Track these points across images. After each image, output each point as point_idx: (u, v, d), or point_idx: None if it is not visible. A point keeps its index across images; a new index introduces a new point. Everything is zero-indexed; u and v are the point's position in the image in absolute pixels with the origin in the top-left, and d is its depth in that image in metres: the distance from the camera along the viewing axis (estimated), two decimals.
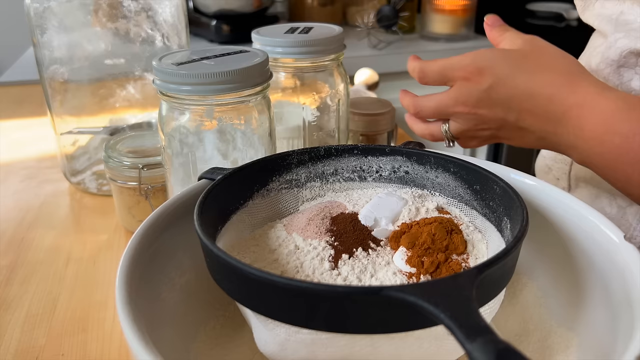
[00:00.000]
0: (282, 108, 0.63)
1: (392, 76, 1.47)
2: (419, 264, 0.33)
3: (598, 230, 0.34)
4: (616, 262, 0.32)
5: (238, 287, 0.30)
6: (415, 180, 0.41)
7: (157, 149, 0.62)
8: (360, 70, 1.00)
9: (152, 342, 0.26)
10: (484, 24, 0.52)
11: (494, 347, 0.22)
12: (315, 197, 0.42)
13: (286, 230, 0.37)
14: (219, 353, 0.38)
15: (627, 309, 0.30)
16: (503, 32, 0.50)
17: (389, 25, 1.53)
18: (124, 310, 0.28)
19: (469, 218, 0.39)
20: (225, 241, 0.36)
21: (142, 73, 0.70)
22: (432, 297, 0.25)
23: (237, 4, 1.49)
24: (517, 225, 0.32)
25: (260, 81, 0.49)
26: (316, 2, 1.68)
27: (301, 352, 0.31)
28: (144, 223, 0.36)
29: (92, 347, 0.46)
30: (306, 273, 0.33)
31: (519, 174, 0.40)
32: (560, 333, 0.37)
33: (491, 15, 0.52)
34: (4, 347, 0.46)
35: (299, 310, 0.27)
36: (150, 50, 0.68)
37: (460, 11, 1.57)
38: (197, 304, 0.39)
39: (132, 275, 0.32)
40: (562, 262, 0.37)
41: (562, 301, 0.38)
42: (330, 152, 0.42)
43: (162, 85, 0.47)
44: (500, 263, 0.28)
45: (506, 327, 0.39)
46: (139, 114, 0.74)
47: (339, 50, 0.61)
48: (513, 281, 0.40)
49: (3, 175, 0.77)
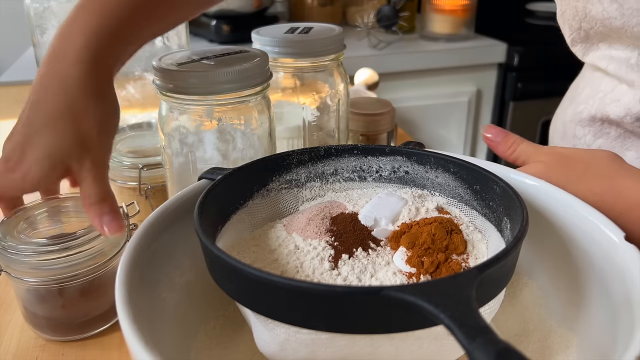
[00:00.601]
0: (282, 108, 0.63)
1: (392, 76, 1.47)
2: (419, 264, 0.33)
3: (598, 230, 0.34)
4: (616, 262, 0.32)
5: (238, 287, 0.30)
6: (415, 180, 0.41)
7: (157, 149, 0.60)
8: (360, 70, 1.00)
9: (152, 342, 0.26)
10: (484, 137, 0.46)
11: (494, 347, 0.22)
12: (315, 197, 0.42)
13: (286, 230, 0.37)
14: (219, 353, 0.38)
15: (627, 309, 0.30)
16: (513, 145, 0.44)
17: (389, 25, 1.53)
18: (124, 310, 0.28)
19: (469, 218, 0.39)
20: (225, 241, 0.36)
21: (142, 73, 0.70)
22: (432, 297, 0.25)
23: (237, 4, 1.49)
24: (517, 225, 0.32)
25: (260, 81, 0.49)
26: (316, 2, 1.68)
27: (301, 352, 0.31)
28: (144, 223, 0.36)
29: (92, 347, 0.46)
30: (306, 273, 0.33)
31: (519, 174, 0.40)
32: (560, 333, 0.37)
33: (489, 127, 0.46)
34: (4, 347, 0.46)
35: (299, 310, 0.27)
36: (150, 50, 0.68)
37: (460, 11, 1.57)
38: (197, 304, 0.39)
39: (132, 275, 0.32)
40: (562, 262, 0.37)
41: (562, 301, 0.38)
42: (330, 152, 0.42)
43: (162, 85, 0.47)
44: (500, 263, 0.28)
45: (506, 327, 0.39)
46: (139, 114, 0.74)
47: (339, 50, 0.61)
48: (513, 281, 0.40)
49: None
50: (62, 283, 0.44)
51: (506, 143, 0.44)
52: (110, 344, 0.46)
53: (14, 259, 0.43)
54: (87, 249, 0.44)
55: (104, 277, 0.46)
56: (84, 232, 0.44)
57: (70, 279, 0.44)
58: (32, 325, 0.47)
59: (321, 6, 1.69)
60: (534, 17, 1.88)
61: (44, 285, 0.44)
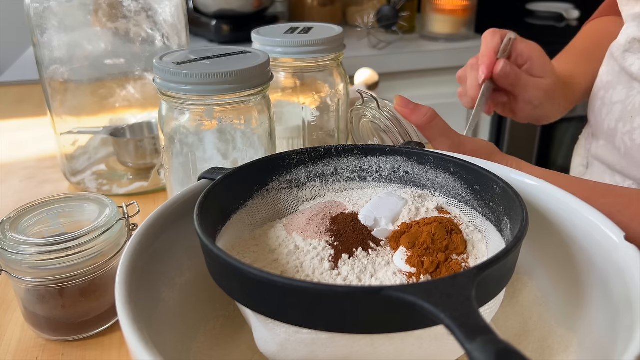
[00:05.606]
0: (282, 108, 0.63)
1: (392, 76, 1.47)
2: (419, 264, 0.33)
3: (598, 230, 0.34)
4: (616, 262, 0.32)
5: (238, 287, 0.30)
6: (415, 180, 0.41)
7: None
8: (360, 70, 1.00)
9: (152, 342, 0.26)
10: (395, 108, 0.50)
11: (494, 347, 0.22)
12: (315, 197, 0.42)
13: (286, 230, 0.37)
14: (219, 353, 0.38)
15: (627, 309, 0.30)
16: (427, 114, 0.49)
17: (389, 25, 1.53)
18: (124, 310, 0.28)
19: (469, 218, 0.39)
20: (225, 241, 0.36)
21: (142, 73, 0.70)
22: (432, 297, 0.25)
23: (237, 4, 1.49)
24: (517, 225, 0.32)
25: (260, 82, 0.49)
26: (316, 2, 1.68)
27: (301, 352, 0.31)
28: (144, 223, 0.36)
29: (92, 347, 0.46)
30: (306, 273, 0.33)
31: (519, 174, 0.40)
32: (560, 333, 0.37)
33: (398, 97, 0.50)
34: (4, 347, 0.46)
35: (299, 310, 0.27)
36: (150, 50, 0.68)
37: (460, 11, 1.57)
38: (197, 304, 0.39)
39: (132, 275, 0.32)
40: (562, 262, 0.37)
41: (562, 301, 0.38)
42: (330, 152, 0.42)
43: (163, 85, 0.47)
44: (500, 263, 0.28)
45: (506, 327, 0.39)
46: (139, 114, 0.74)
47: (338, 50, 0.61)
48: (513, 281, 0.40)
49: (3, 175, 0.77)
50: (62, 283, 0.44)
51: (420, 111, 0.49)
52: (110, 344, 0.46)
53: (14, 259, 0.43)
54: (87, 249, 0.44)
55: (104, 277, 0.46)
56: (84, 232, 0.44)
57: (70, 279, 0.44)
58: (32, 325, 0.47)
59: (321, 6, 1.69)
60: (534, 17, 1.88)
61: (44, 285, 0.44)
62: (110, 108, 0.72)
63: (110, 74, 0.70)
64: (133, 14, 0.66)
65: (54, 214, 0.48)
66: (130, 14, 0.66)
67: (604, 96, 0.61)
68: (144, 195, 0.71)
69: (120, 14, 0.66)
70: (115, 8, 0.65)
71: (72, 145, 0.72)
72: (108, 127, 0.73)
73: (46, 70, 0.66)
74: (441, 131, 0.49)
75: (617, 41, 0.60)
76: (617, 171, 0.60)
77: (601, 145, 0.63)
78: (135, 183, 0.71)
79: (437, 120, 0.49)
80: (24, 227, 0.46)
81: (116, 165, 0.74)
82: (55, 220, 0.48)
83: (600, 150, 0.63)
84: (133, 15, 0.66)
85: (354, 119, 0.58)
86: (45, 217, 0.47)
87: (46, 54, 0.65)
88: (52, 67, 0.66)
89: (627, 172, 0.58)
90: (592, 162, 0.66)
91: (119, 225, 0.46)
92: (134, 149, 0.72)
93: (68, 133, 0.71)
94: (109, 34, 0.67)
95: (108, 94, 0.71)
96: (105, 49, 0.67)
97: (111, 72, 0.69)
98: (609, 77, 0.61)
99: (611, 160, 0.61)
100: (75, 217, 0.48)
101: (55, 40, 0.65)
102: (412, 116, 0.49)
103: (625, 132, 0.57)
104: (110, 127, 0.73)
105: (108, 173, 0.74)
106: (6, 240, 0.43)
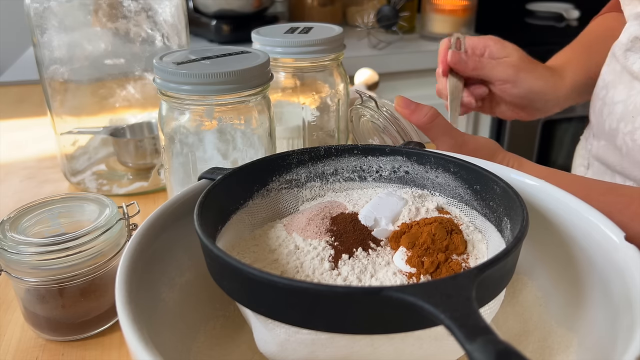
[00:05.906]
0: (282, 108, 0.63)
1: (392, 76, 1.47)
2: (419, 264, 0.33)
3: (598, 230, 0.34)
4: (616, 262, 0.32)
5: (238, 287, 0.30)
6: (415, 180, 0.41)
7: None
8: (360, 70, 1.00)
9: (152, 342, 0.26)
10: (396, 108, 0.51)
11: (494, 347, 0.22)
12: (315, 197, 0.42)
13: (286, 230, 0.37)
14: (219, 353, 0.38)
15: (627, 309, 0.30)
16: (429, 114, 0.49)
17: (389, 25, 1.53)
18: (124, 310, 0.28)
19: (469, 218, 0.39)
20: (225, 241, 0.36)
21: (142, 73, 0.70)
22: (432, 298, 0.25)
23: (237, 4, 1.49)
24: (517, 225, 0.32)
25: (260, 83, 0.49)
26: (316, 2, 1.68)
27: (301, 352, 0.31)
28: (144, 223, 0.36)
29: (92, 347, 0.46)
30: (306, 273, 0.33)
31: (519, 174, 0.40)
32: (560, 333, 0.37)
33: (398, 97, 0.51)
34: (4, 347, 0.46)
35: (299, 310, 0.27)
36: (150, 50, 0.68)
37: (460, 11, 1.57)
38: (197, 304, 0.39)
39: (132, 275, 0.32)
40: (562, 262, 0.37)
41: (562, 301, 0.38)
42: (330, 152, 0.42)
43: (163, 85, 0.47)
44: (500, 263, 0.28)
45: (506, 327, 0.39)
46: (139, 114, 0.74)
47: (338, 50, 0.61)
48: (513, 281, 0.40)
49: (3, 175, 0.77)
50: (62, 283, 0.44)
51: (421, 111, 0.49)
52: (110, 344, 0.46)
53: (14, 259, 0.43)
54: (87, 249, 0.44)
55: (104, 277, 0.46)
56: (84, 232, 0.44)
57: (70, 279, 0.44)
58: (32, 325, 0.47)
59: (321, 6, 1.69)
60: (534, 17, 1.88)
61: (44, 285, 0.44)
62: (110, 108, 0.72)
63: (110, 74, 0.70)
64: (133, 14, 0.66)
65: (54, 214, 0.48)
66: (130, 14, 0.66)
67: (605, 96, 0.61)
68: (144, 195, 0.71)
69: (120, 14, 0.66)
70: (115, 8, 0.65)
71: (72, 145, 0.72)
72: (108, 127, 0.73)
73: (46, 70, 0.66)
74: (443, 130, 0.49)
75: (619, 40, 0.60)
76: (617, 172, 0.60)
77: (602, 145, 0.62)
78: (135, 183, 0.71)
79: (438, 119, 0.49)
80: (24, 227, 0.46)
81: (116, 165, 0.74)
82: (55, 220, 0.48)
83: (601, 151, 0.63)
84: (133, 15, 0.66)
85: (354, 118, 0.58)
86: (45, 217, 0.47)
87: (46, 54, 0.65)
88: (52, 67, 0.66)
89: (628, 172, 0.58)
90: (592, 163, 0.66)
91: (119, 225, 0.46)
92: (134, 149, 0.72)
93: (68, 133, 0.71)
94: (109, 34, 0.67)
95: (108, 94, 0.71)
96: (105, 49, 0.67)
97: (111, 72, 0.69)
98: (610, 76, 0.61)
99: (612, 161, 0.61)
100: (75, 217, 0.48)
101: (55, 40, 0.65)
102: (412, 116, 0.49)
103: (627, 132, 0.57)
104: (110, 127, 0.73)
105: (108, 173, 0.74)
106: (6, 240, 0.43)
